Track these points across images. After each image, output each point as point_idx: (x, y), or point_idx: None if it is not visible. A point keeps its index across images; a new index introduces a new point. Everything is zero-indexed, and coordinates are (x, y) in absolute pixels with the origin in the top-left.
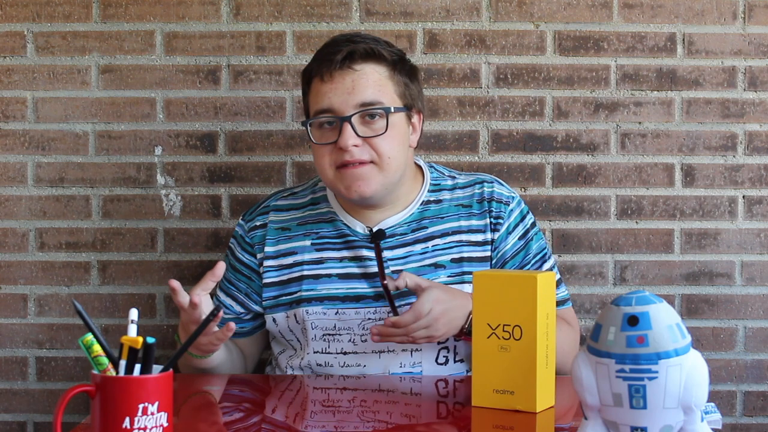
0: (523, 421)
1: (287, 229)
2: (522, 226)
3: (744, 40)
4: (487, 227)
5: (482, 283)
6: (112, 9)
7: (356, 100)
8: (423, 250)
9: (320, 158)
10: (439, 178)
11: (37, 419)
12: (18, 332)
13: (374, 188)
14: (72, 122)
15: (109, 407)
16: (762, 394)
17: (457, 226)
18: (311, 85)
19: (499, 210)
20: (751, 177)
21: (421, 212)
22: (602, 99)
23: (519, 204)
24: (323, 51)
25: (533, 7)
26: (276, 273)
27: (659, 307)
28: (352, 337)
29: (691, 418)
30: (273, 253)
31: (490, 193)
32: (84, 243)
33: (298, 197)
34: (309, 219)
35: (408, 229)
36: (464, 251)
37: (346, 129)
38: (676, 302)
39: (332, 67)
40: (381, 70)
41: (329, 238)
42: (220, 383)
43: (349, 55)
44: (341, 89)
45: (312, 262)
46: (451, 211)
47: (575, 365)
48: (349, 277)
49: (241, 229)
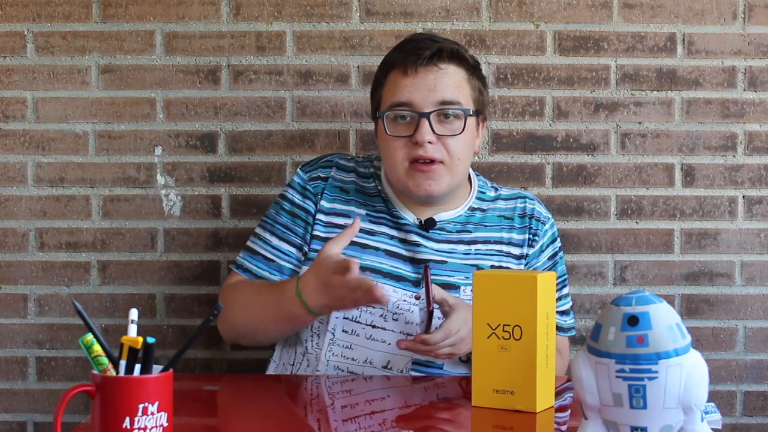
0: (523, 421)
1: (346, 192)
2: (552, 247)
3: (744, 40)
4: (524, 242)
5: (482, 283)
6: (112, 9)
7: (437, 97)
8: (466, 251)
9: (393, 152)
10: (483, 187)
11: (37, 419)
12: (18, 332)
13: (443, 188)
14: (72, 122)
15: (109, 407)
16: (762, 394)
17: (500, 236)
18: (389, 77)
19: (537, 228)
20: (751, 177)
21: (467, 217)
22: (602, 99)
23: (553, 226)
24: (408, 45)
25: (533, 7)
26: (324, 228)
27: (659, 307)
28: (384, 313)
29: (691, 418)
30: (327, 209)
31: (531, 210)
32: (84, 243)
33: (361, 166)
34: (369, 191)
35: (454, 228)
36: (504, 261)
37: (423, 125)
38: (676, 302)
39: (418, 62)
40: (462, 72)
41: (384, 214)
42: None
43: (437, 53)
44: (423, 85)
45: (364, 231)
46: (495, 222)
47: (575, 365)
48: (395, 256)
49: (299, 178)
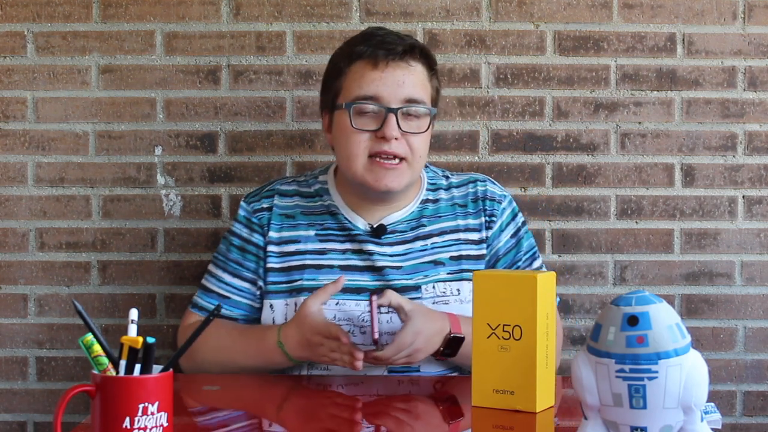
0: (523, 421)
1: (291, 217)
2: (514, 224)
3: (744, 40)
4: (482, 226)
5: (482, 283)
6: (112, 9)
7: (404, 94)
8: (422, 248)
9: (354, 145)
10: (434, 177)
11: (37, 419)
12: (18, 332)
13: (403, 185)
14: (72, 122)
15: (109, 407)
16: (762, 394)
17: (455, 225)
18: (353, 67)
19: (492, 208)
20: (751, 177)
21: (420, 211)
22: (602, 99)
23: (510, 203)
24: (373, 38)
25: (533, 7)
26: (278, 259)
27: (659, 307)
28: (351, 329)
29: (691, 418)
30: (276, 239)
31: (483, 192)
32: (84, 243)
33: (303, 186)
34: (314, 210)
35: (408, 227)
36: (462, 249)
37: (391, 120)
38: (676, 302)
39: (389, 57)
40: (426, 71)
41: (333, 230)
42: (220, 383)
43: (410, 49)
44: (392, 80)
45: (315, 252)
46: (448, 211)
47: (575, 365)
48: (350, 269)
49: (244, 211)
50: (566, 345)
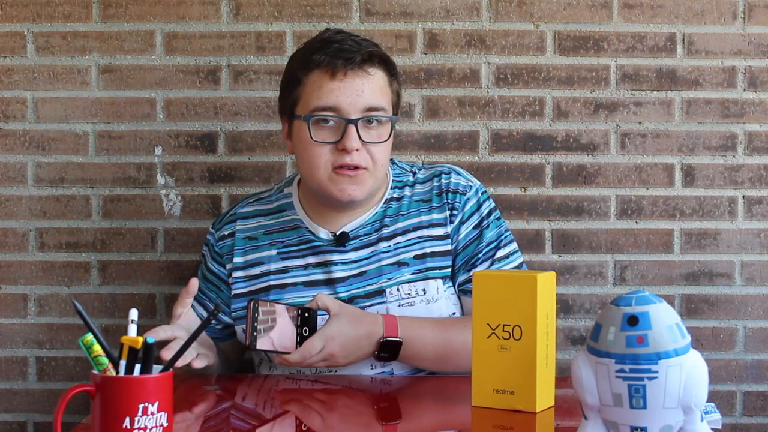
0: (523, 421)
1: (254, 239)
2: (478, 215)
3: (744, 40)
4: (446, 220)
5: (482, 283)
6: (112, 9)
7: (364, 103)
8: (386, 249)
9: (316, 157)
10: (401, 174)
11: (37, 419)
12: (18, 332)
13: (366, 193)
14: (72, 122)
15: (109, 407)
16: (762, 394)
17: (418, 221)
18: (310, 77)
19: (454, 201)
20: (750, 177)
21: (383, 210)
22: (602, 99)
23: (476, 193)
24: (330, 46)
25: (533, 7)
26: (244, 284)
27: (659, 307)
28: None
29: (691, 418)
30: (242, 263)
31: (446, 185)
32: (84, 243)
33: (264, 203)
34: (276, 227)
35: (372, 228)
36: (426, 247)
37: (351, 132)
38: (676, 302)
39: (348, 66)
40: (385, 77)
41: (294, 246)
42: (220, 383)
43: (368, 57)
44: (351, 90)
45: (278, 271)
46: (412, 207)
47: (575, 365)
48: (313, 285)
49: (212, 238)
50: (566, 345)
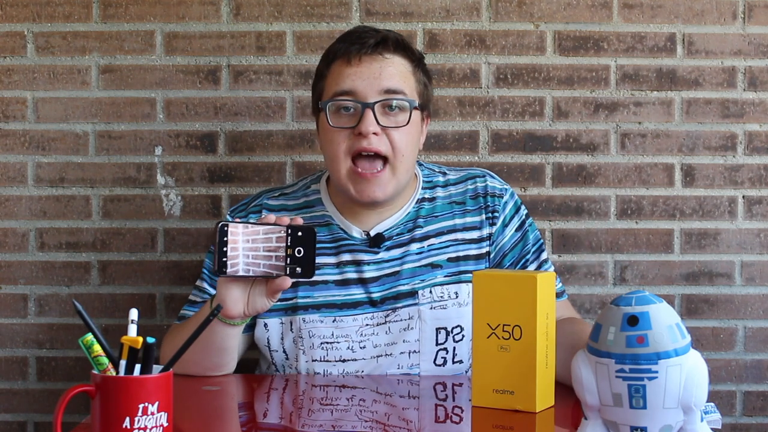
0: (523, 421)
1: None
2: (518, 217)
3: (744, 40)
4: (483, 223)
5: (482, 283)
6: (112, 9)
7: (381, 86)
8: (419, 250)
9: (335, 145)
10: (431, 175)
11: (37, 419)
12: (18, 332)
13: (389, 193)
14: (72, 122)
15: (109, 407)
16: (762, 394)
17: (452, 224)
18: (331, 67)
19: (494, 204)
20: (750, 177)
21: (416, 211)
22: (602, 99)
23: (512, 196)
24: (351, 35)
25: (533, 7)
26: None
27: (659, 307)
28: (350, 345)
29: (691, 418)
30: None
31: (483, 188)
32: (84, 243)
33: (290, 198)
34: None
35: (404, 229)
36: (460, 250)
37: (368, 115)
38: (676, 302)
39: (362, 51)
40: (407, 63)
41: (325, 243)
42: (220, 383)
43: (382, 41)
44: (367, 73)
45: None
46: (445, 210)
47: (575, 365)
48: (346, 284)
49: None
50: None
